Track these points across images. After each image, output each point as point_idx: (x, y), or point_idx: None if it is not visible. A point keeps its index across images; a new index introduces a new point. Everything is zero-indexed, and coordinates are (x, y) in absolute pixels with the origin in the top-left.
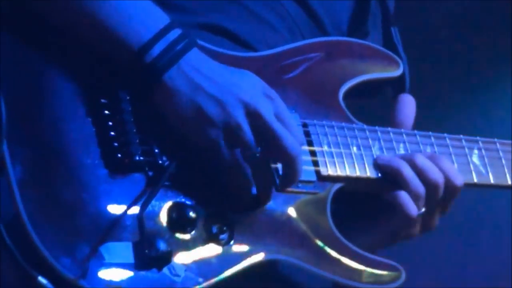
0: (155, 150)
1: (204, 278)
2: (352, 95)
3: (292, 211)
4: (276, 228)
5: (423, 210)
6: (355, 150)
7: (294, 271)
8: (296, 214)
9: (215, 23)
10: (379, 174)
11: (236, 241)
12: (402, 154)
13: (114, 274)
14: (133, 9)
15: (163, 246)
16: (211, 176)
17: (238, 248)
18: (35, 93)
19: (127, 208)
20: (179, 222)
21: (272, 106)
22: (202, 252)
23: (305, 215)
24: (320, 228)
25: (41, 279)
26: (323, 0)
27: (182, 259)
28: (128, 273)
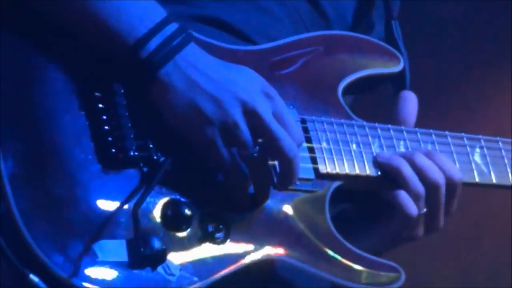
0: (150, 145)
1: (199, 278)
2: (351, 91)
3: (289, 210)
4: (273, 227)
5: (425, 211)
6: (355, 148)
7: (291, 271)
8: (293, 212)
9: (211, 15)
10: (378, 172)
11: (232, 240)
12: (402, 152)
13: (107, 272)
14: (128, 2)
15: (158, 244)
16: (207, 174)
17: (234, 247)
18: (27, 86)
19: (121, 204)
20: (174, 220)
21: (270, 104)
22: (198, 251)
23: (302, 214)
24: (318, 227)
25: (32, 277)
26: None
27: (177, 257)
28: (121, 271)
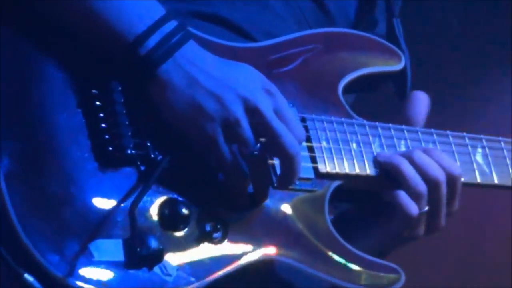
0: (148, 144)
1: (196, 278)
2: (352, 89)
3: (288, 210)
4: (272, 227)
5: (426, 209)
6: (355, 147)
7: (289, 272)
8: (292, 212)
9: (212, 12)
10: (379, 172)
11: (230, 239)
12: (402, 151)
13: (103, 272)
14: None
15: (155, 244)
16: (206, 172)
17: (232, 247)
18: (24, 84)
19: (118, 203)
20: (172, 219)
21: (271, 101)
22: (195, 251)
23: (302, 214)
24: (317, 228)
25: (27, 276)
26: None
27: (174, 257)
28: (117, 271)
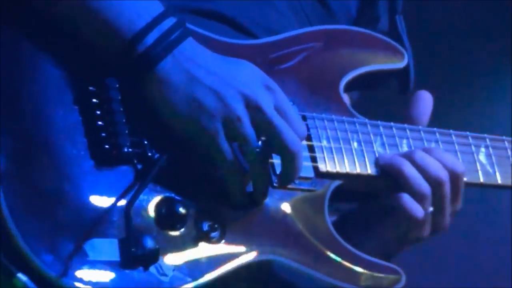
0: (145, 142)
1: (193, 278)
2: (353, 87)
3: (287, 209)
4: (270, 226)
5: (431, 210)
6: (356, 146)
7: (288, 272)
8: (291, 212)
9: (212, 8)
10: (380, 172)
11: (227, 239)
12: (403, 152)
13: (98, 272)
14: None
15: (150, 244)
16: (204, 171)
17: (230, 247)
18: (19, 80)
19: (114, 202)
20: (168, 218)
21: (272, 98)
22: (192, 251)
23: (301, 214)
24: (317, 228)
25: (20, 276)
26: None
27: (170, 257)
28: (112, 271)
